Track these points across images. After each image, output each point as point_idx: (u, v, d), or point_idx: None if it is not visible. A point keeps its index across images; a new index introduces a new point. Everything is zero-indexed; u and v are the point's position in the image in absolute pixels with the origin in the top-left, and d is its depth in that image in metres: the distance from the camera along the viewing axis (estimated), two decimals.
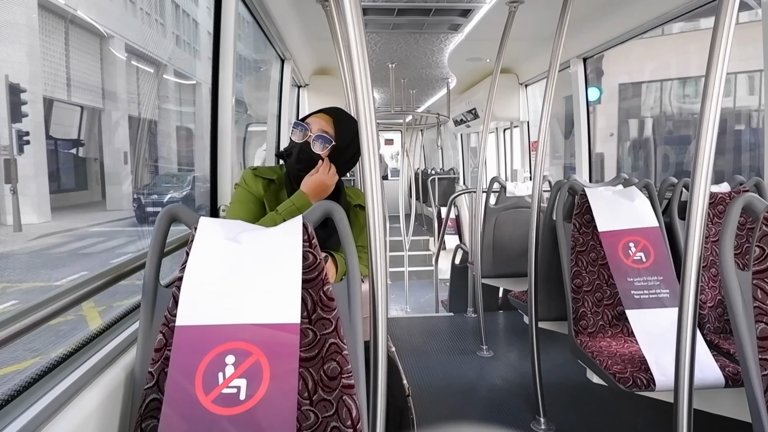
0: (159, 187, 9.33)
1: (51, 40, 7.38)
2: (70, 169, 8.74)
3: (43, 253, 6.70)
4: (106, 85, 8.75)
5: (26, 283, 5.35)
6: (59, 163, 8.39)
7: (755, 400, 1.09)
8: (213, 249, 1.05)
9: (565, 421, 2.30)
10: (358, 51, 1.02)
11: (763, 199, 1.18)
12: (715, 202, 2.10)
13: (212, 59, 2.11)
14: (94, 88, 8.53)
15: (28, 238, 6.78)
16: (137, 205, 8.61)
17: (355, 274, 1.13)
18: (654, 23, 2.72)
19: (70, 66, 7.78)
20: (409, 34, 3.61)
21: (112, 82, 8.82)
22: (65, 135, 8.35)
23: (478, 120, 5.66)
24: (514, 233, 3.18)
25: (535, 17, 2.95)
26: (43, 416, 0.87)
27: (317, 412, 1.05)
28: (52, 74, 7.46)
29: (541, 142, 2.27)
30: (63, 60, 7.65)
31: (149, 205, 8.55)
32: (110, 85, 8.78)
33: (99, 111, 8.67)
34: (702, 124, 1.20)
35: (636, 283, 1.95)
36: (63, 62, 7.65)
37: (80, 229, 8.00)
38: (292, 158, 1.49)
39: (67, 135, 8.37)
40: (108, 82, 8.75)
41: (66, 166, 8.61)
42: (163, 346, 1.03)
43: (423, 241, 8.78)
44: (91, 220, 8.53)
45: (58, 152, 8.39)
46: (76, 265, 6.48)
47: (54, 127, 7.86)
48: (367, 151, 1.05)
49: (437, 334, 3.58)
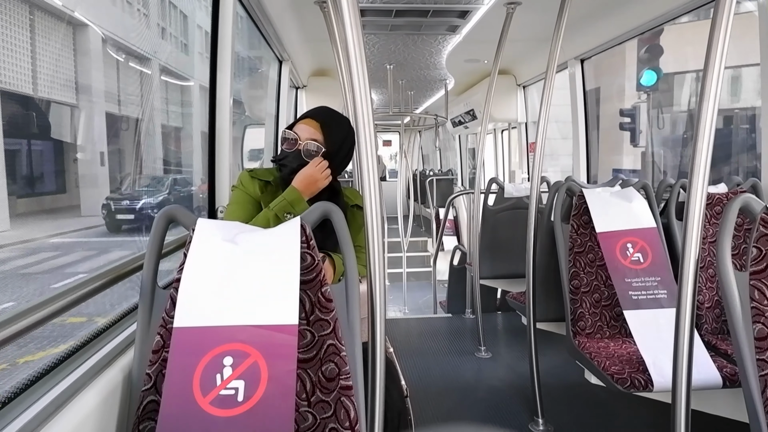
0: (134, 191, 8.52)
1: (8, 25, 6.34)
2: (43, 170, 7.89)
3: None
4: (81, 79, 7.86)
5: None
6: (28, 163, 7.51)
7: (752, 401, 1.09)
8: (211, 250, 1.05)
9: (563, 422, 2.30)
10: (356, 52, 1.02)
11: (760, 200, 1.19)
12: (712, 203, 2.11)
13: (210, 60, 2.10)
14: (66, 82, 7.62)
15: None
16: (106, 211, 7.61)
17: (353, 276, 1.13)
18: (651, 24, 2.73)
19: (36, 56, 6.78)
20: (407, 35, 3.61)
21: (87, 76, 7.93)
22: (38, 132, 7.45)
23: (476, 121, 5.67)
24: (512, 234, 3.18)
25: (532, 18, 2.96)
26: (41, 417, 0.86)
27: (315, 414, 1.05)
28: (10, 63, 6.45)
29: (539, 143, 2.27)
30: (27, 49, 6.68)
31: (121, 212, 7.67)
32: (85, 78, 7.98)
33: (73, 107, 7.92)
34: (699, 125, 1.20)
35: (634, 283, 1.95)
36: (27, 51, 6.67)
37: (37, 240, 6.77)
38: (286, 169, 1.50)
39: (39, 132, 7.47)
40: (83, 75, 7.89)
41: (38, 168, 7.75)
42: (161, 347, 1.03)
43: (421, 242, 8.78)
44: (58, 228, 7.46)
45: (30, 152, 7.54)
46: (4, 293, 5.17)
47: (17, 123, 6.89)
48: (365, 152, 1.05)
49: (435, 335, 3.58)
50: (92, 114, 8.11)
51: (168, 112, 10.46)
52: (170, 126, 10.45)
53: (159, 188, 8.69)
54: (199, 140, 9.63)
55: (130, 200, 7.90)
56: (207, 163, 2.13)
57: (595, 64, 3.42)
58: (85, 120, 7.96)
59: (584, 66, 3.41)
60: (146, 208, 7.76)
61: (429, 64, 4.63)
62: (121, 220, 7.67)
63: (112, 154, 8.57)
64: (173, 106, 10.73)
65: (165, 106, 10.38)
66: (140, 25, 9.90)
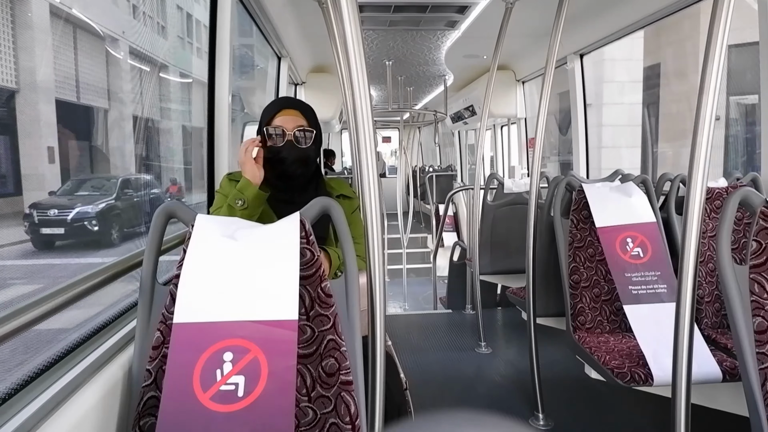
0: (70, 196, 6.75)
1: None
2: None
3: None
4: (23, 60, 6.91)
5: None
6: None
7: (752, 394, 1.09)
8: (210, 246, 1.05)
9: (564, 417, 2.31)
10: (355, 48, 1.02)
11: (759, 194, 1.18)
12: (712, 197, 2.10)
13: (208, 57, 2.10)
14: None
15: None
16: (29, 223, 5.89)
17: (353, 271, 1.13)
18: (651, 18, 2.72)
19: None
20: (405, 31, 3.60)
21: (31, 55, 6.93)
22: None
23: (475, 117, 5.66)
24: (512, 230, 3.18)
25: (531, 13, 2.95)
26: (41, 413, 0.86)
27: (316, 409, 1.05)
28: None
29: (539, 138, 2.27)
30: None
31: (49, 224, 6.02)
32: (28, 60, 7.27)
33: (14, 92, 7.19)
34: (699, 119, 1.20)
35: (634, 278, 1.95)
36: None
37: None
38: (287, 162, 1.49)
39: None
40: (25, 55, 6.91)
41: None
42: (161, 343, 1.03)
43: (421, 238, 8.77)
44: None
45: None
46: None
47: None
48: (364, 148, 1.05)
49: (436, 331, 3.59)
50: (37, 102, 6.46)
51: (134, 101, 9.14)
52: (137, 116, 8.50)
53: (104, 192, 6.85)
54: (179, 134, 8.65)
55: (60, 209, 6.21)
56: (206, 161, 2.13)
57: (654, 33, 2.84)
58: (32, 109, 6.31)
59: (645, 38, 3.02)
60: (81, 219, 6.23)
61: (428, 60, 4.62)
62: (51, 235, 6.09)
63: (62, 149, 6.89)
64: (141, 94, 9.56)
65: (154, 98, 9.40)
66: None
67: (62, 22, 6.91)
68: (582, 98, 3.48)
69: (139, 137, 8.32)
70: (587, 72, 3.52)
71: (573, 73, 3.46)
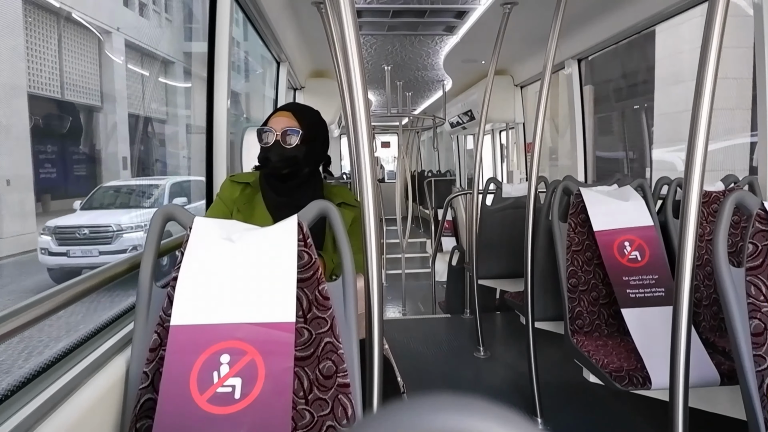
0: None
1: None
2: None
3: None
4: None
5: None
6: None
7: (750, 396, 1.09)
8: (208, 248, 1.06)
9: (562, 421, 2.30)
10: (353, 53, 1.02)
11: (755, 197, 1.19)
12: (709, 200, 2.11)
13: (207, 62, 2.11)
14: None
15: None
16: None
17: (350, 274, 1.13)
18: (648, 23, 2.73)
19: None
20: (404, 36, 3.62)
21: None
22: None
23: (474, 122, 5.67)
24: (511, 234, 3.18)
25: (529, 18, 2.96)
26: (37, 415, 0.86)
27: (313, 411, 1.05)
28: None
29: (537, 143, 2.27)
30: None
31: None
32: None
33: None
34: (694, 123, 1.20)
35: (631, 282, 1.95)
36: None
37: None
38: (272, 161, 1.48)
39: None
40: None
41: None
42: (158, 345, 1.03)
43: (420, 243, 8.77)
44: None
45: None
46: None
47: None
48: (362, 153, 1.05)
49: (434, 336, 3.58)
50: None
51: (142, 104, 8.93)
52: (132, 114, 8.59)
53: None
54: (125, 125, 8.47)
55: None
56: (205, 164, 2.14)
57: None
58: None
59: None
60: None
61: (426, 65, 4.64)
62: None
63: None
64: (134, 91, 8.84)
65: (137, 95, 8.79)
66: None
67: None
68: (580, 103, 3.49)
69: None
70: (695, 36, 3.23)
71: (571, 77, 3.47)
